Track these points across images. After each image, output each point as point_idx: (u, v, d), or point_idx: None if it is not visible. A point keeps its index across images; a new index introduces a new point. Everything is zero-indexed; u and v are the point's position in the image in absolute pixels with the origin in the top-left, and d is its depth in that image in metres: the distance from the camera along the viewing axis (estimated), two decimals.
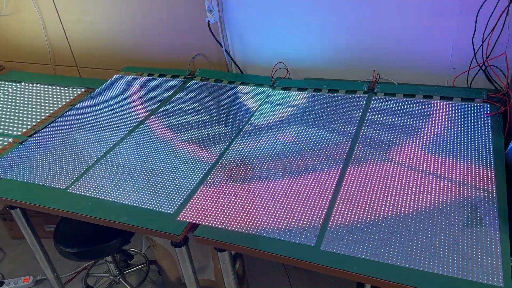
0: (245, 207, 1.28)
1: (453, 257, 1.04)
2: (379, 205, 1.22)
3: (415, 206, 1.21)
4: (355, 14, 1.78)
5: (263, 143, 1.56)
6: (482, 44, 1.63)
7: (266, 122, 1.68)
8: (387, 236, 1.12)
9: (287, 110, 1.74)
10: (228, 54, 2.11)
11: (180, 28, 2.15)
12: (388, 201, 1.23)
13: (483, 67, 1.67)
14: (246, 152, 1.53)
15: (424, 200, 1.22)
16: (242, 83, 2.00)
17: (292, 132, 1.60)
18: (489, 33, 1.59)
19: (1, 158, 1.69)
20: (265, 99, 1.84)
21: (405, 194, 1.25)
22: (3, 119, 1.98)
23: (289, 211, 1.25)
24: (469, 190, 1.23)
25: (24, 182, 1.55)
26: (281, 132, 1.61)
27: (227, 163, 1.49)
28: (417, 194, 1.25)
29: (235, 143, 1.59)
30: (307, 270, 1.13)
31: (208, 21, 1.99)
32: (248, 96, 1.89)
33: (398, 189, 1.27)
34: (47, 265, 1.83)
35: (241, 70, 2.14)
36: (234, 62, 2.13)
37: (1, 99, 2.16)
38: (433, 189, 1.25)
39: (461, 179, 1.28)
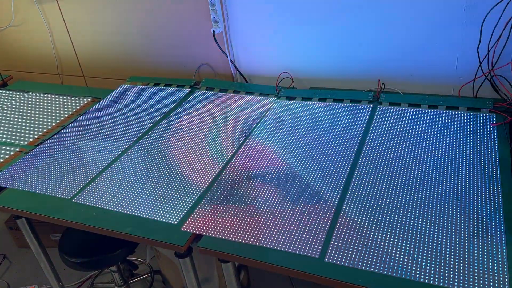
0: (249, 218, 1.28)
1: (459, 270, 1.03)
2: (384, 217, 1.21)
3: (420, 217, 1.19)
4: (360, 24, 1.79)
5: (267, 154, 1.56)
6: (487, 54, 1.62)
7: (270, 133, 1.68)
8: (392, 249, 1.11)
9: (291, 120, 1.74)
10: (233, 64, 2.12)
11: (185, 38, 2.16)
12: (392, 213, 1.22)
13: (489, 77, 1.66)
14: (250, 163, 1.53)
15: (430, 211, 1.21)
16: (247, 93, 2.00)
17: (296, 143, 1.60)
18: (495, 43, 1.59)
19: (8, 167, 1.71)
20: (269, 109, 1.84)
21: (410, 205, 1.24)
22: (10, 129, 2.00)
23: (293, 222, 1.24)
24: (475, 201, 1.22)
25: (29, 192, 1.56)
26: (285, 143, 1.61)
27: (231, 174, 1.49)
28: (422, 205, 1.24)
29: (239, 153, 1.59)
30: (311, 282, 1.12)
31: (214, 31, 2.00)
32: (253, 105, 1.89)
33: (403, 199, 1.26)
34: (52, 275, 1.83)
35: (246, 79, 2.15)
36: (239, 72, 2.14)
37: (9, 108, 2.19)
38: (439, 200, 1.24)
39: (467, 189, 1.27)
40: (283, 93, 1.94)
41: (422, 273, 1.04)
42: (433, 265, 1.05)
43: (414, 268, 1.05)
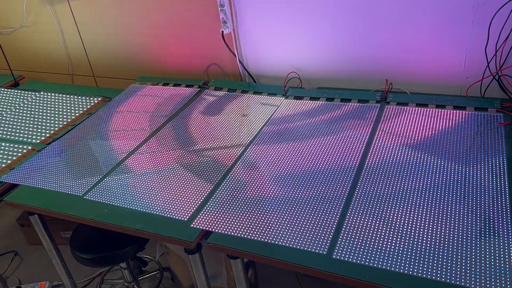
0: (258, 214, 1.30)
1: (466, 268, 1.04)
2: (392, 214, 1.23)
3: (428, 215, 1.20)
4: (367, 24, 1.80)
5: (276, 152, 1.58)
6: (495, 54, 1.62)
7: (277, 132, 1.70)
8: (400, 245, 1.12)
9: (299, 119, 1.75)
10: (242, 64, 2.14)
11: (194, 38, 2.19)
12: (400, 210, 1.23)
13: (497, 77, 1.66)
14: (259, 160, 1.55)
15: (437, 210, 1.22)
16: (255, 93, 2.02)
17: (305, 141, 1.61)
18: (503, 43, 1.59)
19: (21, 165, 1.74)
20: (277, 108, 1.86)
21: (417, 203, 1.25)
22: (22, 127, 2.03)
23: (301, 218, 1.26)
24: (483, 200, 1.23)
25: (42, 189, 1.59)
26: (294, 141, 1.62)
27: (240, 172, 1.51)
28: (430, 203, 1.24)
29: (248, 152, 1.61)
30: (319, 278, 1.13)
31: (222, 31, 2.02)
32: (262, 105, 1.91)
33: (411, 198, 1.27)
34: (63, 271, 1.86)
35: (254, 79, 2.17)
36: (248, 72, 2.16)
37: (21, 108, 2.23)
38: (446, 200, 1.25)
39: (474, 189, 1.27)
40: (291, 92, 1.96)
41: (430, 270, 1.05)
42: (440, 263, 1.06)
43: (421, 265, 1.06)
